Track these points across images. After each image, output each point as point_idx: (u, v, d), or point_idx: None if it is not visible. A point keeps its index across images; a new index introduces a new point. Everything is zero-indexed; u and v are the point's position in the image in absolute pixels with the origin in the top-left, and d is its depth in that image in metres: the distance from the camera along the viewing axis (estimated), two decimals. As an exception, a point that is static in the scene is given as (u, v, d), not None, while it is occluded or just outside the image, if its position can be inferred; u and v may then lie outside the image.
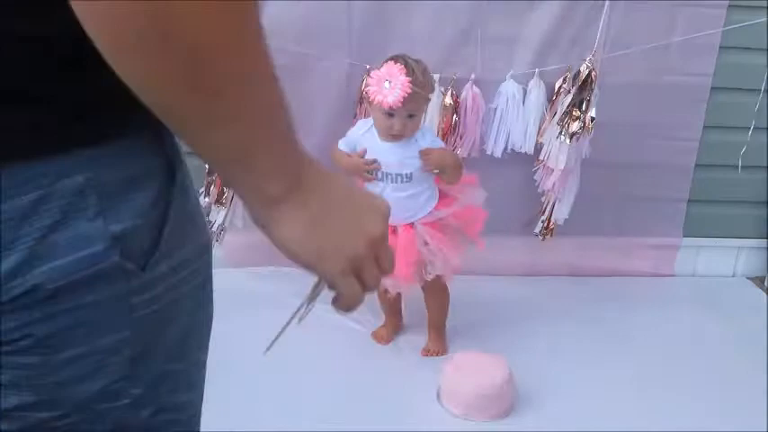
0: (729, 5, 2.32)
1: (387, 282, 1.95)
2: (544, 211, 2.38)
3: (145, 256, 0.61)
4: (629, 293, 2.51)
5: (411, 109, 1.86)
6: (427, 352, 2.10)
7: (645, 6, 2.29)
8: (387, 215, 0.69)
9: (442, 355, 2.08)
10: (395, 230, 1.94)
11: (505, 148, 2.36)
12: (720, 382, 2.05)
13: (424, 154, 1.91)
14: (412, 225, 1.94)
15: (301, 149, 0.62)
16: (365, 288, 0.68)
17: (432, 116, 2.30)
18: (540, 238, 2.40)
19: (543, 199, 2.38)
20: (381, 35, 2.24)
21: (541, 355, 2.11)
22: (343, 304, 0.69)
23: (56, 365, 0.61)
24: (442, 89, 2.29)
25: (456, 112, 2.30)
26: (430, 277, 1.97)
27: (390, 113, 1.85)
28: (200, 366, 0.77)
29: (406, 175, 1.93)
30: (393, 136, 1.89)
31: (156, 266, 0.63)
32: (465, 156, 2.36)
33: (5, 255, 0.57)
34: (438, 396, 1.92)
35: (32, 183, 0.56)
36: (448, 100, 2.28)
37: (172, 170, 0.64)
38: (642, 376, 2.05)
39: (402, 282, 1.94)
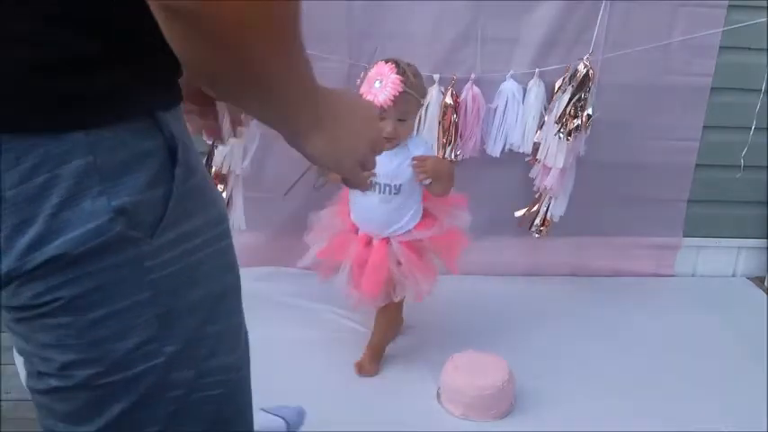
0: (729, 5, 2.31)
1: (354, 296, 1.90)
2: (539, 210, 2.38)
3: (152, 226, 0.70)
4: (629, 293, 2.51)
5: (403, 111, 1.79)
6: (360, 369, 1.98)
7: (645, 6, 2.29)
8: (377, 115, 0.93)
9: (372, 375, 1.98)
10: (369, 242, 1.87)
11: (504, 148, 2.37)
12: (720, 382, 2.05)
13: (418, 161, 1.83)
14: (388, 240, 1.87)
15: (319, 89, 0.77)
16: (369, 169, 0.90)
17: (432, 116, 2.30)
18: (536, 235, 2.40)
19: (537, 196, 2.38)
20: (381, 35, 2.24)
21: (541, 355, 2.11)
22: (354, 186, 0.95)
23: (88, 325, 0.70)
24: (442, 89, 2.29)
25: (456, 112, 2.30)
26: (397, 299, 1.90)
27: (381, 116, 1.75)
28: (239, 328, 0.86)
29: (395, 186, 1.84)
30: (386, 140, 1.77)
31: (164, 234, 0.71)
32: (466, 156, 2.36)
33: (25, 231, 0.66)
34: (438, 396, 1.92)
35: (42, 167, 0.65)
36: (448, 100, 2.29)
37: (172, 151, 0.72)
38: (642, 376, 2.05)
39: (368, 299, 1.88)
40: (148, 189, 0.69)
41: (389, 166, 1.81)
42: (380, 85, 1.73)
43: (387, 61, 1.79)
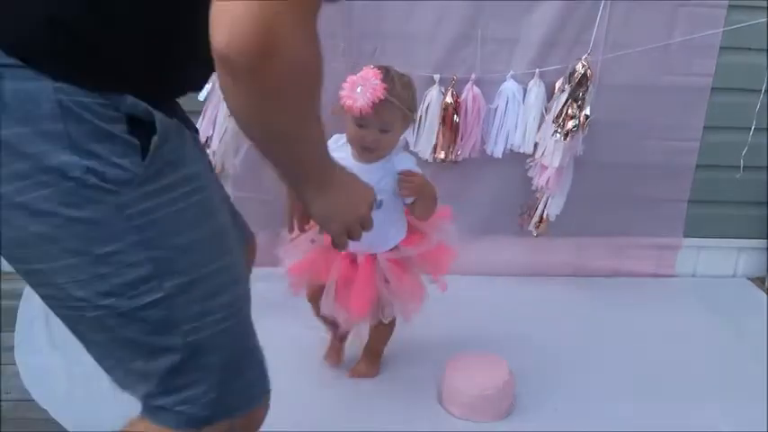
0: (729, 5, 2.31)
1: (340, 316, 1.81)
2: (536, 208, 2.39)
3: (127, 182, 0.83)
4: (630, 293, 2.51)
5: (385, 121, 1.66)
6: (356, 373, 1.98)
7: (645, 6, 2.29)
8: (372, 200, 1.14)
9: (371, 377, 1.98)
10: (354, 260, 1.78)
11: (505, 149, 2.37)
12: (720, 382, 2.05)
13: (405, 175, 1.72)
14: (374, 257, 1.77)
15: (330, 160, 1.00)
16: (353, 239, 1.12)
17: (432, 116, 2.30)
18: (534, 233, 2.40)
19: (537, 195, 2.39)
20: (381, 35, 2.24)
21: (541, 355, 2.11)
22: (336, 246, 1.14)
23: (92, 261, 0.84)
24: (443, 89, 2.30)
25: (457, 113, 2.30)
26: (387, 320, 1.83)
27: (361, 123, 1.66)
28: (235, 268, 0.98)
29: (377, 201, 1.71)
30: (366, 150, 1.70)
31: (143, 185, 0.84)
32: (466, 156, 2.36)
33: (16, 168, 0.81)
34: (438, 397, 1.92)
35: (31, 122, 0.80)
36: (448, 100, 2.29)
37: (138, 123, 0.84)
38: (642, 376, 2.05)
39: (355, 319, 1.81)
40: (123, 151, 0.83)
41: (370, 179, 1.50)
42: (361, 91, 1.61)
43: (377, 67, 1.68)
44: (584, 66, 2.22)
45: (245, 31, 0.70)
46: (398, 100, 1.66)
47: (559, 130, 2.23)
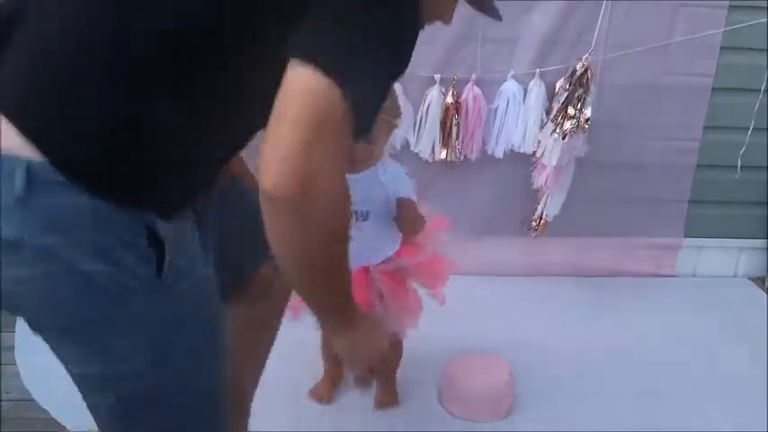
0: (730, 6, 2.31)
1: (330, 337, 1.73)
2: (537, 208, 2.39)
3: (143, 288, 0.92)
4: (630, 293, 2.51)
5: (372, 132, 1.57)
6: (379, 405, 1.89)
7: (645, 6, 2.29)
8: (390, 337, 1.24)
9: (394, 405, 1.90)
10: None
11: (505, 149, 2.37)
12: (720, 382, 2.05)
13: (405, 212, 1.65)
14: (366, 271, 1.69)
15: (353, 299, 1.07)
16: (374, 373, 1.27)
17: (433, 117, 2.30)
18: (532, 233, 2.40)
19: (538, 194, 2.39)
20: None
21: (541, 355, 2.11)
22: (357, 384, 1.35)
23: (96, 349, 0.94)
24: (443, 89, 2.29)
25: (457, 113, 2.30)
26: None
27: None
28: (219, 355, 1.07)
29: (363, 213, 1.66)
30: (353, 163, 1.60)
31: (155, 293, 0.93)
32: (467, 157, 2.36)
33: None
34: (438, 397, 1.92)
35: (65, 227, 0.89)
36: (449, 100, 2.29)
37: (156, 237, 0.92)
38: (642, 376, 2.05)
39: None
40: (136, 265, 0.91)
41: (356, 191, 1.24)
42: None
43: None
44: (584, 66, 2.21)
45: (289, 182, 0.82)
46: (383, 110, 1.61)
47: (558, 130, 2.23)
